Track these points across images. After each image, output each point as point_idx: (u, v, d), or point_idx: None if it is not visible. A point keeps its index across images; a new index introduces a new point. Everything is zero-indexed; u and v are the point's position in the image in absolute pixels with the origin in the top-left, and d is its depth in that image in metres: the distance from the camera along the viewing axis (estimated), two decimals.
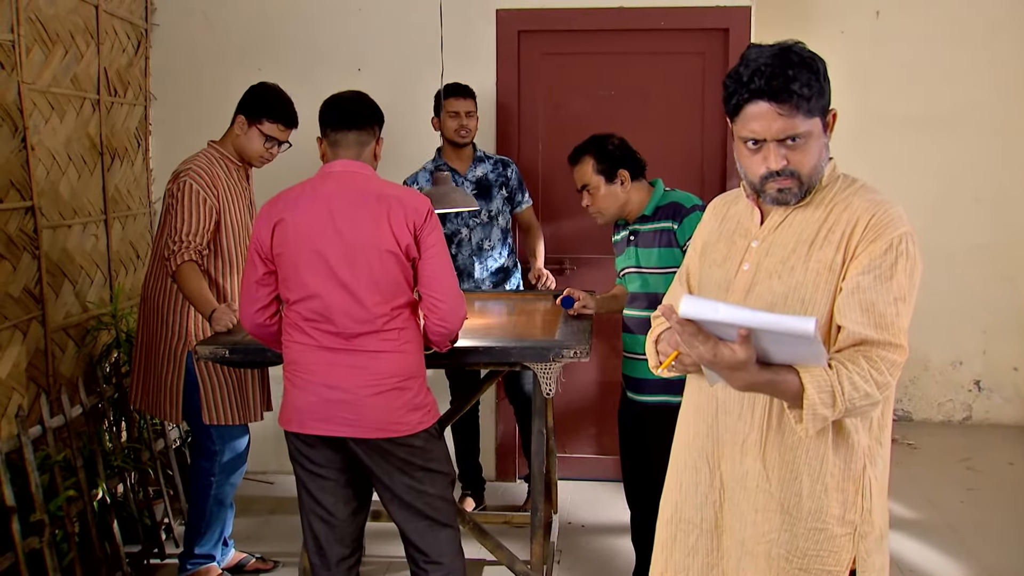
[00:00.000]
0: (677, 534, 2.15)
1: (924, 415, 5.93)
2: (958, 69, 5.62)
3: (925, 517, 4.42)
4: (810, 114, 1.89)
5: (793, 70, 1.86)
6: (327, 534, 2.84)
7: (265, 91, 3.55)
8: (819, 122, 1.92)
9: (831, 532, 1.96)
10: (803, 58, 1.89)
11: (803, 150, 1.91)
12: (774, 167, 1.92)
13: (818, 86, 1.88)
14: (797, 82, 1.85)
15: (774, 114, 1.88)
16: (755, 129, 1.91)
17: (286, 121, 3.55)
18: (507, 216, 4.38)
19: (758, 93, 1.88)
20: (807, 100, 1.87)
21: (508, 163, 4.40)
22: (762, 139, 1.91)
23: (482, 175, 4.32)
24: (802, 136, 1.90)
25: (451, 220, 4.25)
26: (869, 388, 1.81)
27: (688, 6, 4.56)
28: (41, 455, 3.33)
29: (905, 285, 1.88)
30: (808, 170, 1.93)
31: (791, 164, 1.92)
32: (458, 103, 4.21)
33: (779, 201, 1.97)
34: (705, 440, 2.09)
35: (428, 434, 2.78)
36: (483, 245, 4.30)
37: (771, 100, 1.87)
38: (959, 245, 5.73)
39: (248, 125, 3.54)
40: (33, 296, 3.68)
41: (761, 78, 1.87)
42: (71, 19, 3.99)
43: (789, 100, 1.86)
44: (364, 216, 2.65)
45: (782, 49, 1.90)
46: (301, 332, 2.72)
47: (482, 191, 4.29)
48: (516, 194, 4.39)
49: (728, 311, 1.67)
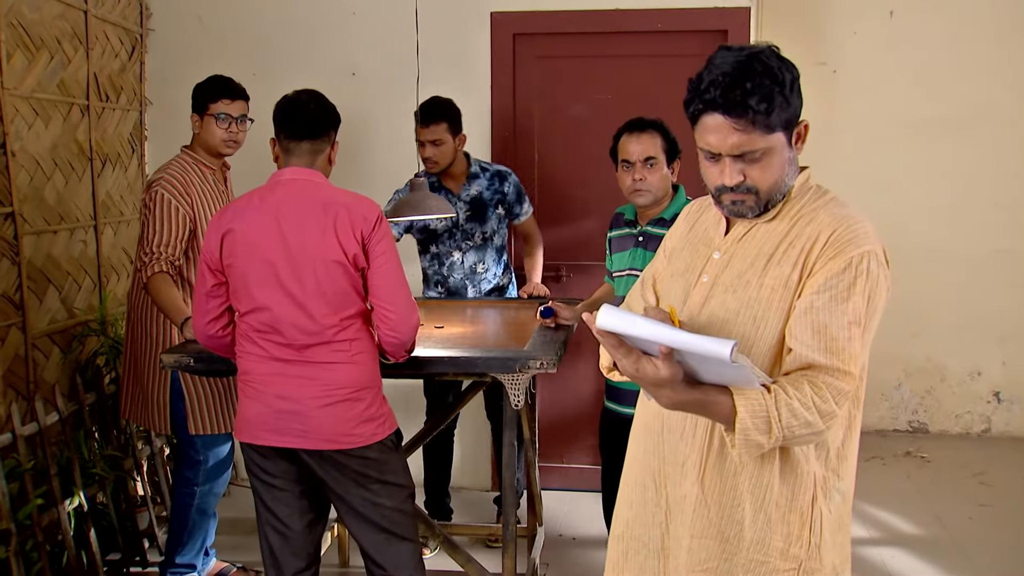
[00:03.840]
0: (628, 552, 2.06)
1: (941, 427, 5.75)
2: (975, 70, 5.46)
3: (930, 533, 4.26)
4: (769, 129, 1.75)
5: (753, 81, 1.72)
6: (282, 546, 2.80)
7: (200, 83, 3.60)
8: (782, 136, 1.79)
9: (773, 566, 1.84)
10: (768, 68, 1.74)
11: (762, 166, 1.79)
12: (728, 183, 1.81)
13: (782, 99, 1.74)
14: (755, 96, 1.72)
15: (729, 128, 1.75)
16: (710, 142, 1.79)
17: (227, 94, 3.55)
18: (503, 234, 4.18)
19: (712, 105, 1.75)
20: (765, 115, 1.73)
21: (506, 175, 4.16)
22: (715, 151, 1.80)
23: (477, 194, 4.10)
24: (760, 152, 1.77)
25: (443, 243, 4.09)
26: (810, 416, 1.68)
27: (685, 7, 4.45)
28: (10, 463, 3.31)
29: (861, 308, 1.75)
30: (767, 186, 1.82)
31: (748, 180, 1.80)
32: (421, 132, 3.94)
33: (735, 213, 1.87)
34: (652, 458, 1.99)
35: (383, 446, 2.72)
36: (476, 268, 4.14)
37: (725, 114, 1.74)
38: (977, 251, 5.57)
39: (200, 119, 3.56)
40: (13, 302, 3.67)
41: (717, 88, 1.74)
42: (57, 24, 3.98)
43: (745, 115, 1.73)
44: (311, 226, 2.59)
45: (748, 56, 1.76)
46: (252, 343, 2.68)
47: (476, 212, 4.08)
48: (514, 207, 4.16)
49: (646, 326, 1.58)
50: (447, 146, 3.97)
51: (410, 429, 3.84)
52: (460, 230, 4.08)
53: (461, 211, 4.08)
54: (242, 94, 3.60)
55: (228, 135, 3.57)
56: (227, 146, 3.60)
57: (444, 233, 4.09)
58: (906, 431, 5.76)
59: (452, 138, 3.98)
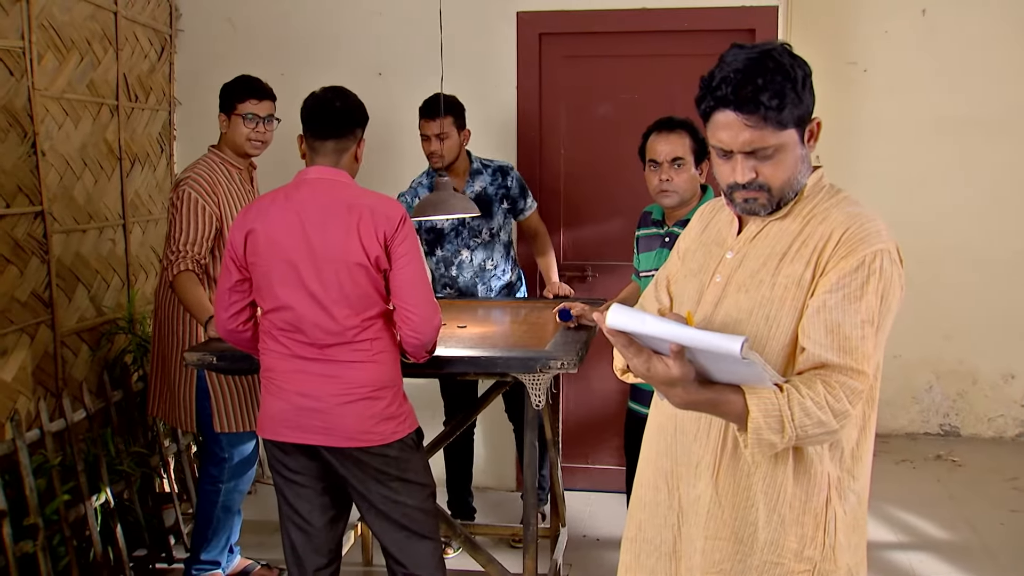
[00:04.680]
0: (640, 554, 2.05)
1: (973, 431, 5.67)
2: (1007, 69, 5.38)
3: (960, 538, 4.20)
4: (781, 125, 1.75)
5: (764, 78, 1.72)
6: (304, 543, 2.81)
7: (228, 83, 3.62)
8: (794, 133, 1.78)
9: (787, 568, 1.83)
10: (780, 64, 1.74)
11: (774, 163, 1.78)
12: (740, 180, 1.80)
13: (794, 96, 1.74)
14: (767, 92, 1.71)
15: (741, 125, 1.75)
16: (722, 139, 1.79)
17: (254, 94, 3.58)
18: (509, 230, 4.17)
19: (724, 101, 1.75)
20: (777, 111, 1.73)
21: (507, 170, 4.13)
22: (729, 149, 1.79)
23: (480, 190, 4.07)
24: (772, 149, 1.77)
25: (451, 242, 4.07)
26: (823, 416, 1.67)
27: (713, 7, 4.42)
28: (38, 459, 3.35)
29: (875, 307, 1.74)
30: (780, 183, 1.81)
31: (760, 177, 1.79)
32: (427, 125, 3.94)
33: (747, 211, 1.86)
34: (664, 459, 1.98)
35: (403, 444, 2.72)
36: (485, 265, 4.12)
37: (737, 110, 1.74)
38: (1010, 252, 5.49)
39: (228, 118, 3.59)
40: (42, 300, 3.72)
41: (729, 85, 1.73)
42: (88, 26, 4.03)
43: (756, 112, 1.73)
44: (334, 227, 2.60)
45: (761, 53, 1.75)
46: (275, 340, 2.70)
47: (482, 208, 4.01)
48: (518, 201, 4.14)
49: (655, 325, 1.57)
50: (452, 140, 3.96)
51: (433, 429, 3.85)
52: (467, 228, 4.07)
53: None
54: (269, 94, 3.62)
55: (255, 135, 3.60)
56: (254, 146, 3.62)
57: (451, 232, 4.08)
58: (937, 434, 5.69)
59: (457, 132, 3.99)
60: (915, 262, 5.25)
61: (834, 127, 5.36)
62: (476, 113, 4.42)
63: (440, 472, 4.57)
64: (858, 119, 5.42)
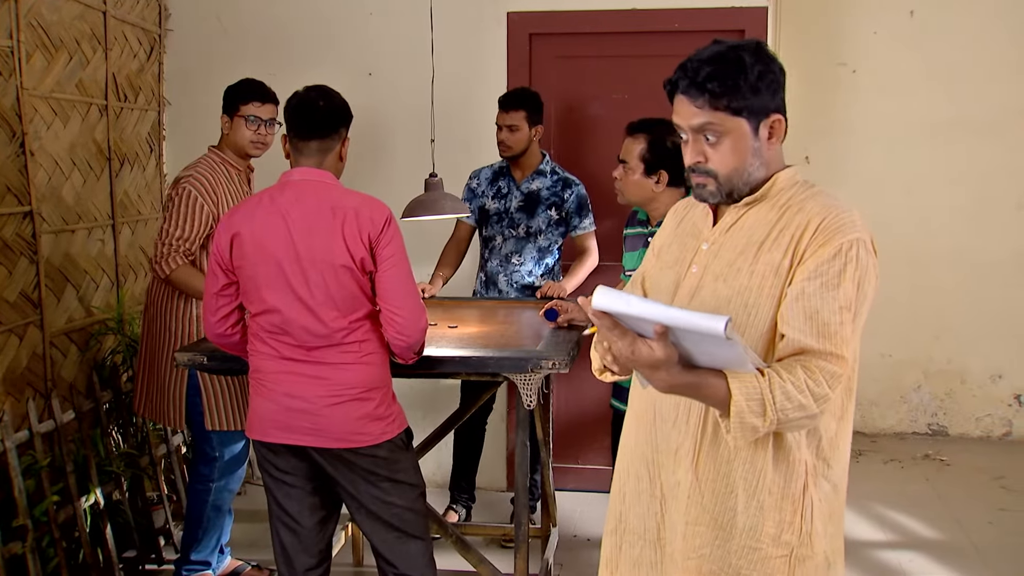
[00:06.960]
0: (623, 545, 2.07)
1: (960, 430, 5.68)
2: (996, 69, 5.40)
3: (949, 537, 4.22)
4: (729, 111, 1.82)
5: (717, 67, 1.81)
6: (293, 543, 2.81)
7: (232, 85, 3.63)
8: (744, 123, 1.84)
9: (765, 552, 1.86)
10: (738, 57, 1.82)
11: (721, 149, 1.85)
12: (688, 161, 1.90)
13: (746, 86, 1.81)
14: (714, 80, 1.81)
15: (688, 105, 1.86)
16: (676, 120, 1.89)
17: (258, 97, 3.59)
18: (551, 238, 4.19)
19: (676, 86, 1.86)
20: (720, 97, 1.81)
21: (571, 184, 4.19)
22: (684, 130, 1.88)
23: (535, 189, 4.17)
24: (717, 131, 1.83)
25: (492, 225, 4.19)
26: (804, 399, 1.70)
27: (702, 7, 4.44)
28: (27, 460, 3.34)
29: (852, 294, 1.78)
30: (727, 171, 1.87)
31: (708, 162, 1.87)
32: (500, 116, 4.12)
33: (699, 197, 1.94)
34: (645, 447, 2.00)
35: (393, 444, 2.72)
36: (510, 258, 4.18)
37: (684, 93, 1.85)
38: (999, 252, 5.51)
39: (230, 120, 3.60)
40: (31, 301, 3.70)
41: (684, 71, 1.84)
42: (77, 25, 4.02)
43: (701, 95, 1.82)
44: (319, 229, 2.59)
45: (729, 47, 1.84)
46: (263, 342, 2.70)
47: (528, 205, 4.16)
48: (573, 217, 4.19)
49: (640, 305, 1.59)
50: (522, 133, 4.09)
51: (423, 429, 3.86)
52: (509, 216, 4.18)
53: (515, 200, 4.17)
54: (272, 98, 3.64)
55: (257, 137, 3.61)
56: (255, 147, 3.64)
57: (495, 215, 4.19)
58: (925, 434, 5.70)
59: (528, 127, 4.11)
60: (905, 262, 5.36)
61: (823, 127, 5.40)
62: (466, 114, 4.44)
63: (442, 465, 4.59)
64: (847, 119, 5.44)
